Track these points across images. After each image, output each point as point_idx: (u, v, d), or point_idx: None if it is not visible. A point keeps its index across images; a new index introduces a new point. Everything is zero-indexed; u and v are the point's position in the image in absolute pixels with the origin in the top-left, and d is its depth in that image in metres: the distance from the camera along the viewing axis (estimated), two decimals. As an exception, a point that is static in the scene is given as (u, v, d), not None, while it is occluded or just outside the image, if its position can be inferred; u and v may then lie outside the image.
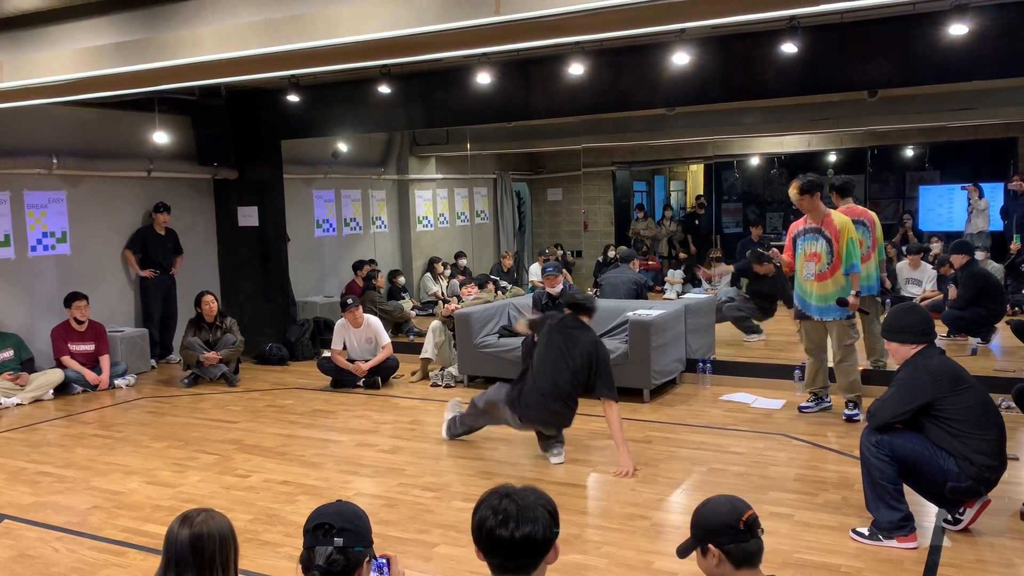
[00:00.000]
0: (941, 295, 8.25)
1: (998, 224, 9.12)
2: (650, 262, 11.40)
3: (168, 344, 9.07)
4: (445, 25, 4.02)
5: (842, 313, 5.93)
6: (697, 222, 11.76)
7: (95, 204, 8.60)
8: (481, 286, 8.40)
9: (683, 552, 2.37)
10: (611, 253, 10.78)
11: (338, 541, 2.19)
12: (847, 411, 6.04)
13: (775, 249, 6.45)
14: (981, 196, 9.17)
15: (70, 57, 5.18)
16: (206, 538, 2.27)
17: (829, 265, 5.91)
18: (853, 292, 5.89)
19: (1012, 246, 8.73)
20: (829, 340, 6.18)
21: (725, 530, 2.26)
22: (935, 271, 8.73)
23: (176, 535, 2.28)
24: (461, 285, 8.42)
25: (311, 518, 2.27)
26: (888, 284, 8.21)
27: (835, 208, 6.32)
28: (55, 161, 8.02)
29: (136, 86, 5.94)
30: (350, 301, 7.61)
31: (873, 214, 6.63)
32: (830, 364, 6.30)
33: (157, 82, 5.77)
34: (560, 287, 7.01)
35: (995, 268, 8.52)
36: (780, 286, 8.31)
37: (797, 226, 6.14)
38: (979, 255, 8.43)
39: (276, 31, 4.42)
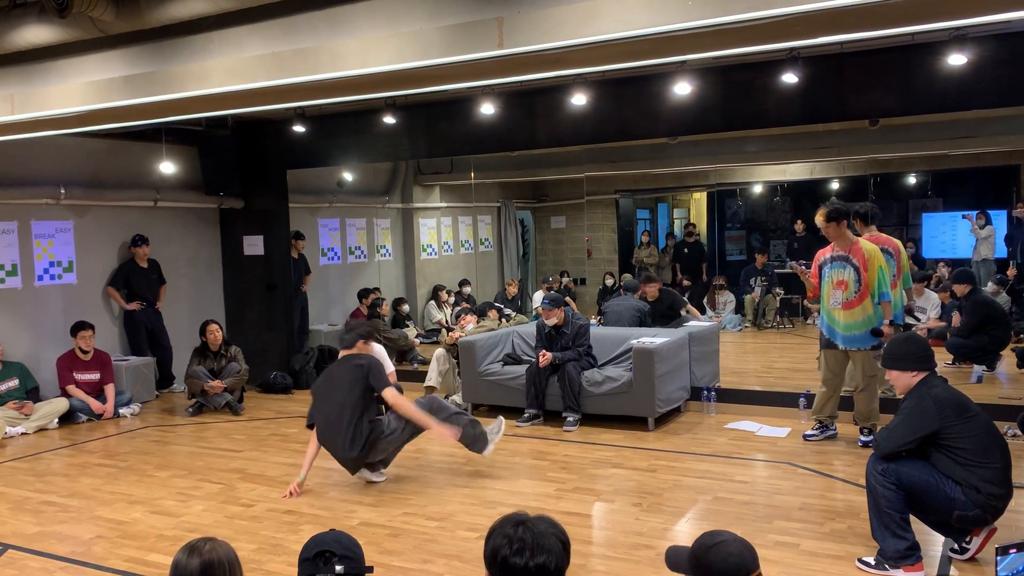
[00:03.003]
0: (944, 323, 8.23)
1: (1004, 252, 9.13)
2: (653, 289, 11.40)
3: (167, 375, 9.07)
4: (449, 58, 4.07)
5: (868, 342, 5.86)
6: (686, 250, 11.74)
7: (102, 234, 8.66)
8: (481, 315, 8.40)
9: (675, 568, 2.36)
10: (609, 281, 10.80)
11: (339, 569, 2.19)
12: (862, 437, 6.01)
13: (803, 266, 6.41)
14: (987, 224, 9.17)
15: (79, 90, 5.25)
16: (216, 566, 2.26)
17: (857, 293, 5.85)
18: (886, 321, 5.82)
19: (1009, 272, 8.74)
20: (848, 368, 6.13)
21: None
22: (939, 300, 8.71)
23: (185, 566, 2.26)
24: (458, 316, 8.41)
25: (309, 546, 2.28)
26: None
27: (859, 235, 6.24)
28: (63, 191, 8.09)
29: (144, 118, 6.02)
30: (358, 330, 7.61)
31: (898, 242, 6.49)
32: (843, 392, 6.25)
33: (165, 114, 5.84)
34: (555, 319, 7.03)
35: (1005, 301, 8.48)
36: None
37: (824, 254, 6.08)
38: (990, 288, 8.40)
39: (282, 64, 4.49)
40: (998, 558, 2.77)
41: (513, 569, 1.99)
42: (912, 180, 10.45)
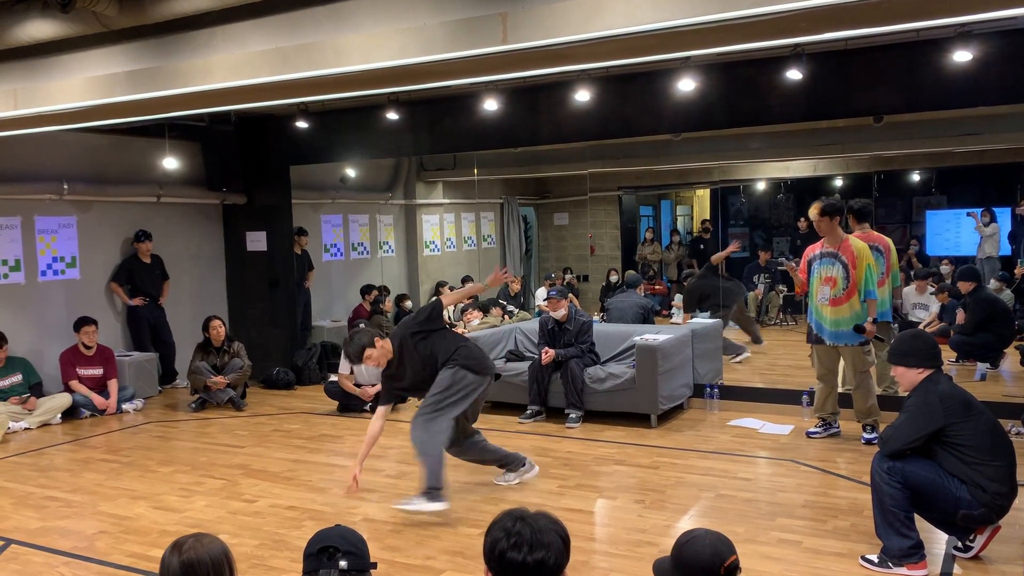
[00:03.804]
0: (944, 323, 8.22)
1: (1008, 249, 9.10)
2: (656, 286, 11.40)
3: (170, 370, 9.08)
4: (453, 54, 4.06)
5: (854, 339, 5.90)
6: (702, 246, 11.77)
7: (105, 229, 8.67)
8: (485, 311, 8.40)
9: (661, 574, 2.40)
10: (612, 278, 10.80)
11: (343, 564, 2.19)
12: (865, 435, 6.01)
13: (792, 263, 6.43)
14: (992, 221, 9.14)
15: (83, 85, 5.24)
16: (197, 564, 2.22)
17: (844, 290, 5.88)
18: (870, 319, 5.85)
19: (1017, 270, 8.71)
20: (841, 365, 6.15)
21: (705, 574, 2.26)
22: (937, 301, 8.68)
23: (168, 563, 2.24)
24: (464, 310, 8.42)
25: (313, 541, 2.27)
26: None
27: (851, 232, 6.28)
28: (66, 187, 8.09)
29: (147, 113, 6.01)
30: (363, 327, 7.60)
31: (888, 240, 6.55)
32: (840, 390, 6.27)
33: (168, 109, 5.83)
34: (563, 311, 7.03)
35: (1008, 297, 8.46)
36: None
37: (813, 249, 6.12)
38: (993, 285, 8.38)
39: (286, 60, 4.48)
40: None
41: (511, 564, 1.99)
42: (916, 177, 10.42)
